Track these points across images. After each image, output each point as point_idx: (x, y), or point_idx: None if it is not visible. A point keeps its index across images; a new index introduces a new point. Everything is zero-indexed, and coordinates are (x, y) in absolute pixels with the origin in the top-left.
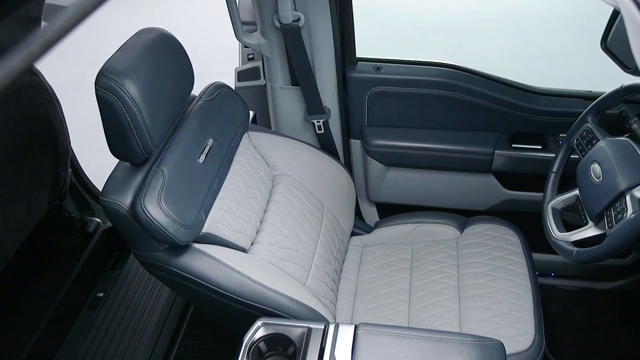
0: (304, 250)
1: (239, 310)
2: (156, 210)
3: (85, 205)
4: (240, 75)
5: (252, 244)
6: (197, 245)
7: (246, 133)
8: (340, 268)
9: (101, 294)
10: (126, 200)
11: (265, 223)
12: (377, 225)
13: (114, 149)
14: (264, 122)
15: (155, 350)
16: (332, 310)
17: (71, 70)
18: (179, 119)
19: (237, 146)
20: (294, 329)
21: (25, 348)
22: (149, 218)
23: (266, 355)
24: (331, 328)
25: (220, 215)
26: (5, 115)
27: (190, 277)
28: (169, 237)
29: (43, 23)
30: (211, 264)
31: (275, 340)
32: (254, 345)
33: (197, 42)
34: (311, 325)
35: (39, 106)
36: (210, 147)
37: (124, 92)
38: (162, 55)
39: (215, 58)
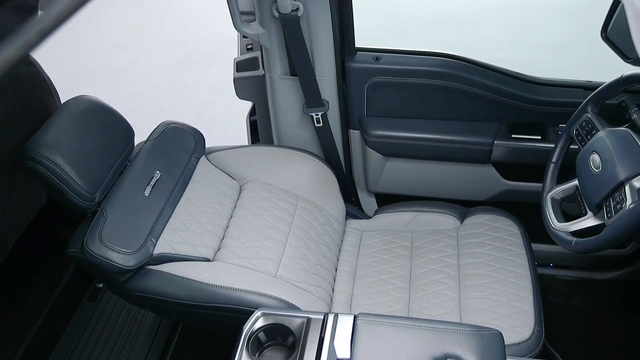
0: (271, 244)
1: (209, 315)
2: (98, 247)
3: None
4: (239, 66)
5: (216, 252)
6: (151, 267)
7: (203, 156)
8: (332, 251)
9: (101, 285)
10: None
11: (230, 229)
12: (376, 213)
13: (65, 210)
14: (263, 113)
15: (155, 340)
16: (319, 293)
17: (69, 61)
18: (126, 163)
19: (193, 170)
20: (293, 319)
21: (25, 338)
22: (94, 255)
23: (265, 345)
24: (330, 318)
25: (175, 235)
26: (3, 106)
27: (149, 296)
28: (117, 266)
29: (39, 12)
30: (164, 278)
31: (275, 331)
32: (254, 335)
33: (197, 32)
34: (310, 316)
35: (36, 97)
36: (157, 179)
37: (43, 159)
38: (83, 118)
39: (215, 48)
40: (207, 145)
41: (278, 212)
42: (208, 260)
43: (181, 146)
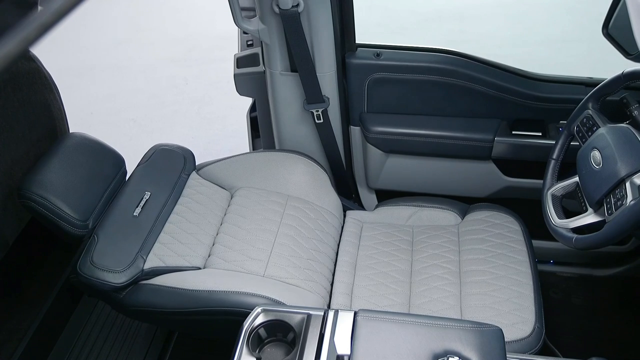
0: (260, 244)
1: (197, 320)
2: (90, 269)
3: None
4: (239, 62)
5: (206, 260)
6: (143, 281)
7: (194, 172)
8: (327, 244)
9: None
10: None
11: (219, 235)
12: (377, 207)
13: (65, 240)
14: (263, 109)
15: (156, 335)
16: (312, 287)
17: (69, 57)
18: (118, 189)
19: (184, 186)
20: (294, 316)
21: (26, 334)
22: (86, 277)
23: (266, 341)
24: (330, 314)
25: (164, 249)
26: (3, 101)
27: (141, 309)
28: (109, 284)
29: (39, 7)
30: (152, 290)
31: (275, 327)
32: (254, 331)
33: (198, 28)
34: (311, 312)
35: (37, 93)
36: (147, 199)
37: (34, 195)
38: (72, 153)
39: (215, 44)
40: (205, 142)
41: (267, 213)
42: (198, 268)
43: (171, 166)
